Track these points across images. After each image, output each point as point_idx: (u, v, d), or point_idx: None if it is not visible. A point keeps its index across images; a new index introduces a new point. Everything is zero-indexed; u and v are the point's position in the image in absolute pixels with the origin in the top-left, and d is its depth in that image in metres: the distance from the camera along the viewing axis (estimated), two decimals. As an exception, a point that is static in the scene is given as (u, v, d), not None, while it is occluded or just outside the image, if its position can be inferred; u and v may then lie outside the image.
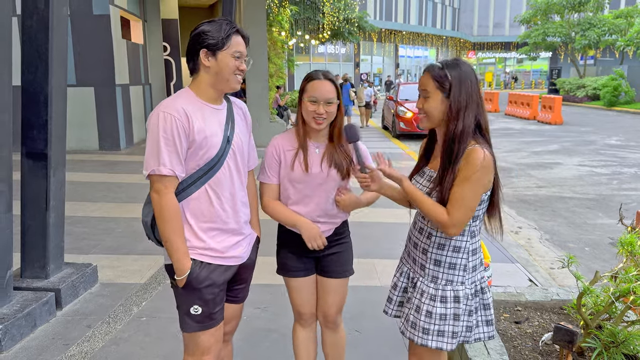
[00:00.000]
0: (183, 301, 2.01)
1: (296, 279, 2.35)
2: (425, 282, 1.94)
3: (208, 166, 1.93)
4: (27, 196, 3.65)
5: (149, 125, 1.88)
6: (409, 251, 2.06)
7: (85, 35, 10.19)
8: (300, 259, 2.32)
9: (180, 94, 1.95)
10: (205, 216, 1.97)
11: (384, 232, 5.48)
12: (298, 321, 2.48)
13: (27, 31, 3.54)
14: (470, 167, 1.77)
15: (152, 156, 1.86)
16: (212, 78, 1.93)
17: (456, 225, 1.79)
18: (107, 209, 6.27)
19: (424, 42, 47.52)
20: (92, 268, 4.02)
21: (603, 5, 32.10)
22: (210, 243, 1.99)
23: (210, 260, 1.99)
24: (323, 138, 2.24)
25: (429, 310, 1.90)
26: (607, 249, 5.26)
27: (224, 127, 1.98)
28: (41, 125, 3.59)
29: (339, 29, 25.51)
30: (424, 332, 1.90)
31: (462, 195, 1.78)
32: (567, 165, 10.09)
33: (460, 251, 1.91)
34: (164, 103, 1.89)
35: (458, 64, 1.84)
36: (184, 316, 2.02)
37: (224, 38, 1.89)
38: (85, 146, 10.63)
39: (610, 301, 2.38)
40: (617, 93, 23.81)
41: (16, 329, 3.17)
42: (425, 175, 1.97)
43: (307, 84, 2.17)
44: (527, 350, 2.65)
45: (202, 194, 1.95)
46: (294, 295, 2.40)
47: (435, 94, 1.84)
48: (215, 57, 1.90)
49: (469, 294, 1.92)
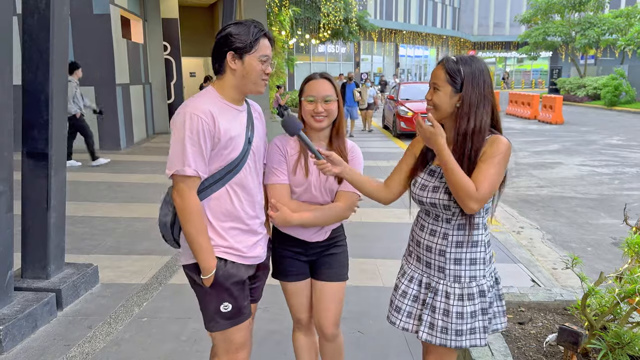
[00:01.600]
0: (212, 300, 2.00)
1: (294, 282, 2.31)
2: (448, 283, 1.90)
3: (231, 166, 1.95)
4: (28, 196, 3.64)
5: (174, 125, 1.88)
6: (418, 256, 2.01)
7: (86, 34, 10.17)
8: (295, 262, 2.29)
9: (205, 94, 1.96)
10: (225, 216, 1.99)
11: (386, 233, 5.46)
12: (297, 327, 2.44)
13: (27, 31, 3.53)
14: (495, 149, 1.79)
15: (176, 156, 1.85)
16: (237, 80, 1.95)
17: (480, 200, 1.75)
18: (108, 209, 6.26)
19: (424, 41, 47.51)
20: (93, 268, 4.01)
21: (603, 5, 32.09)
22: (233, 242, 2.00)
23: (234, 259, 2.01)
24: (323, 140, 2.22)
25: (458, 311, 1.87)
26: (609, 249, 5.24)
27: (245, 129, 2.00)
28: (42, 125, 3.58)
29: (339, 28, 25.49)
30: (457, 334, 1.87)
31: (489, 172, 1.77)
32: (569, 165, 10.07)
33: (478, 245, 1.91)
34: (191, 104, 1.89)
35: (472, 61, 1.84)
36: (214, 315, 2.01)
37: (252, 42, 1.90)
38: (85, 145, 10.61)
39: (615, 302, 2.36)
40: (617, 93, 23.79)
41: (17, 330, 3.15)
42: (437, 174, 1.93)
43: (305, 85, 2.19)
44: (532, 352, 2.63)
45: (223, 193, 1.97)
46: (291, 300, 2.36)
47: (445, 87, 1.83)
48: (242, 60, 1.92)
49: (490, 286, 1.93)
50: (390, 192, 2.06)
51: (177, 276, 4.16)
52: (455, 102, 1.83)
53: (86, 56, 10.24)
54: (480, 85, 1.81)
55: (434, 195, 1.89)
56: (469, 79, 1.80)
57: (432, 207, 1.92)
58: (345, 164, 1.99)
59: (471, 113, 1.81)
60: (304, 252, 2.28)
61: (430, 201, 1.90)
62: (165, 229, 2.03)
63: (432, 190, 1.90)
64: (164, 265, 4.44)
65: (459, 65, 1.82)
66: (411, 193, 2.01)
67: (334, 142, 2.22)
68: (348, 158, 2.22)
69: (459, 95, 1.82)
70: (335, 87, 2.17)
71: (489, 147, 1.81)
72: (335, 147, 2.21)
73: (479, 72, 1.82)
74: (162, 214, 2.04)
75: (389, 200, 2.08)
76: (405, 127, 13.59)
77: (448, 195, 1.85)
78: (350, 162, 2.22)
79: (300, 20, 23.08)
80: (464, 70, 1.81)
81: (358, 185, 2.03)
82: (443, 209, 1.88)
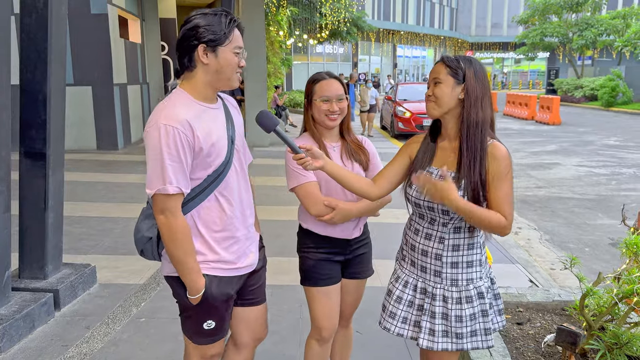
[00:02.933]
0: (195, 317, 1.90)
1: (325, 287, 2.24)
2: (445, 287, 1.89)
3: (217, 172, 1.82)
4: (26, 196, 3.63)
5: (148, 140, 1.70)
6: (413, 260, 1.99)
7: (83, 34, 10.15)
8: (329, 265, 2.25)
9: (177, 99, 1.78)
10: (217, 225, 1.86)
11: (385, 233, 5.46)
12: (315, 337, 2.33)
13: (25, 30, 3.51)
14: (502, 164, 1.79)
15: (155, 174, 1.69)
16: (210, 76, 1.78)
17: (510, 223, 1.80)
18: (106, 209, 6.25)
19: (422, 42, 47.59)
20: (90, 269, 4.00)
21: (600, 6, 32.20)
22: (224, 255, 1.89)
23: (223, 274, 1.90)
24: (336, 137, 2.28)
25: (457, 314, 1.86)
26: (607, 249, 5.26)
27: (225, 129, 1.87)
28: (40, 125, 3.57)
29: (337, 28, 25.50)
30: (457, 337, 1.86)
31: (507, 193, 1.79)
32: (566, 165, 10.09)
33: (474, 247, 1.90)
34: (163, 113, 1.71)
35: (472, 60, 1.86)
36: (194, 332, 1.93)
37: (226, 33, 1.74)
38: (83, 146, 10.59)
39: (613, 302, 2.36)
40: (614, 93, 23.86)
41: (14, 330, 3.14)
42: (434, 175, 1.89)
43: (314, 86, 2.19)
44: (530, 352, 2.64)
45: (212, 201, 1.84)
46: (318, 307, 2.26)
47: (447, 79, 1.83)
48: (215, 53, 1.75)
49: (488, 287, 1.92)
50: (378, 188, 2.01)
51: (175, 276, 4.14)
52: (458, 94, 1.83)
53: (84, 56, 10.22)
54: (481, 79, 1.82)
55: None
56: (471, 72, 1.82)
57: (429, 210, 1.89)
58: (326, 158, 1.93)
59: (478, 103, 1.81)
60: (342, 251, 2.27)
61: (427, 205, 1.87)
62: (150, 243, 1.89)
63: None
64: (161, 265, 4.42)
65: (458, 60, 1.84)
66: (407, 195, 1.98)
67: (346, 136, 2.28)
68: (363, 148, 2.29)
69: (461, 86, 1.82)
70: (344, 85, 2.23)
71: (493, 162, 1.79)
72: (349, 141, 2.28)
73: (480, 67, 1.85)
74: (144, 227, 1.88)
75: (376, 197, 2.03)
76: (402, 127, 13.60)
77: None
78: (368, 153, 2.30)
79: (298, 20, 23.08)
80: (464, 64, 1.83)
81: (342, 179, 1.96)
82: (441, 213, 1.85)
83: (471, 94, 1.81)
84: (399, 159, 2.04)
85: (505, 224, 1.78)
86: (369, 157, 2.29)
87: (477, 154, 1.79)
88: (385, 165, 2.08)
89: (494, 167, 1.80)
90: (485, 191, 1.81)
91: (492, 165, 1.80)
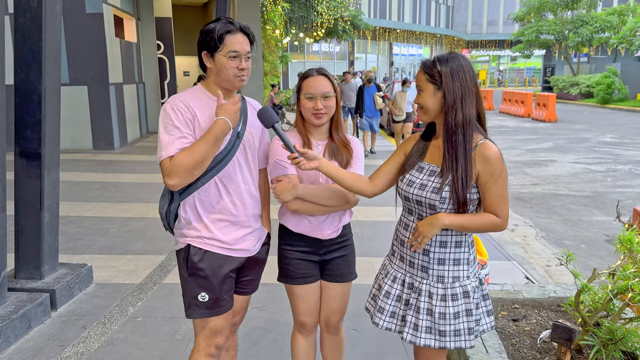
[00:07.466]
0: (190, 289, 2.05)
1: (301, 286, 2.25)
2: (431, 283, 1.90)
3: (216, 159, 1.97)
4: (21, 196, 3.62)
5: (159, 121, 1.99)
6: (402, 255, 2.01)
7: (78, 33, 10.12)
8: (305, 264, 2.25)
9: (190, 90, 2.05)
10: (214, 208, 2.03)
11: (381, 231, 5.47)
12: (299, 330, 2.37)
13: (20, 29, 3.50)
14: (494, 165, 1.81)
15: (160, 146, 1.93)
16: (214, 77, 2.01)
17: (506, 220, 1.86)
18: (102, 209, 6.23)
19: (418, 40, 47.63)
20: (87, 268, 3.99)
21: (596, 3, 32.25)
22: (218, 234, 2.03)
23: (217, 251, 2.04)
24: (324, 135, 2.23)
25: (441, 312, 1.87)
26: (602, 245, 5.28)
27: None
28: (35, 125, 3.56)
29: (333, 27, 25.48)
30: (440, 335, 1.86)
31: (501, 193, 1.83)
32: (562, 162, 10.12)
33: (462, 245, 1.91)
34: (170, 99, 1.99)
35: (451, 58, 1.85)
36: (191, 303, 2.05)
37: (217, 39, 1.94)
38: (78, 145, 10.58)
39: (608, 298, 2.38)
40: (610, 90, 23.94)
41: (11, 330, 3.14)
42: (425, 170, 1.92)
43: (302, 83, 2.18)
44: (526, 348, 2.65)
45: (211, 186, 2.01)
46: (298, 304, 2.29)
47: (427, 86, 1.86)
48: (213, 58, 1.98)
49: (475, 287, 1.92)
50: (374, 186, 2.05)
51: (171, 276, 4.15)
52: (440, 99, 1.84)
53: (79, 55, 10.20)
54: (460, 77, 1.82)
55: (420, 192, 1.87)
56: (447, 74, 1.81)
57: (417, 204, 1.90)
58: (322, 159, 1.97)
59: (457, 105, 1.81)
60: (315, 251, 2.24)
61: (416, 198, 1.89)
62: (164, 219, 2.13)
63: (419, 187, 1.88)
64: (158, 265, 4.43)
65: (435, 64, 1.84)
66: (397, 188, 2.00)
67: (335, 136, 2.23)
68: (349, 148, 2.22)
69: (441, 91, 1.83)
70: (333, 83, 2.18)
71: (484, 164, 1.80)
72: (337, 140, 2.22)
73: (458, 67, 1.83)
74: (160, 205, 2.12)
75: (373, 194, 2.07)
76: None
77: (435, 194, 1.83)
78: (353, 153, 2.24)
79: (294, 19, 23.05)
80: (440, 67, 1.83)
81: (337, 178, 2.00)
82: (428, 207, 1.86)
83: (448, 96, 1.82)
84: (395, 157, 2.07)
85: (499, 222, 1.85)
86: (352, 158, 2.22)
87: (460, 152, 1.80)
88: (382, 164, 2.10)
89: (486, 168, 1.81)
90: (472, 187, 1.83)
91: (484, 167, 1.81)
